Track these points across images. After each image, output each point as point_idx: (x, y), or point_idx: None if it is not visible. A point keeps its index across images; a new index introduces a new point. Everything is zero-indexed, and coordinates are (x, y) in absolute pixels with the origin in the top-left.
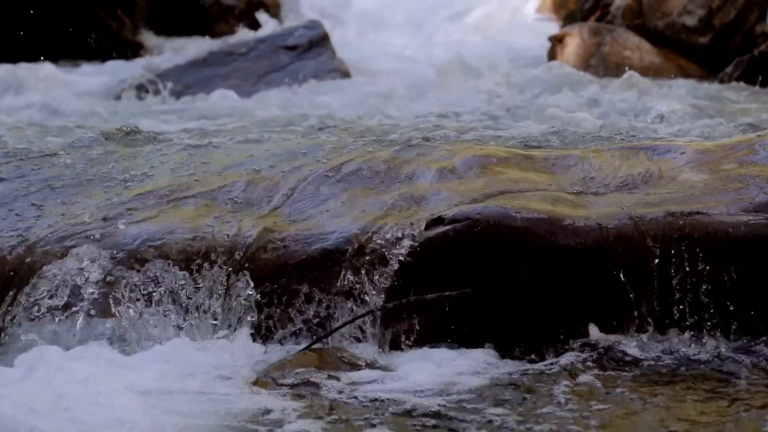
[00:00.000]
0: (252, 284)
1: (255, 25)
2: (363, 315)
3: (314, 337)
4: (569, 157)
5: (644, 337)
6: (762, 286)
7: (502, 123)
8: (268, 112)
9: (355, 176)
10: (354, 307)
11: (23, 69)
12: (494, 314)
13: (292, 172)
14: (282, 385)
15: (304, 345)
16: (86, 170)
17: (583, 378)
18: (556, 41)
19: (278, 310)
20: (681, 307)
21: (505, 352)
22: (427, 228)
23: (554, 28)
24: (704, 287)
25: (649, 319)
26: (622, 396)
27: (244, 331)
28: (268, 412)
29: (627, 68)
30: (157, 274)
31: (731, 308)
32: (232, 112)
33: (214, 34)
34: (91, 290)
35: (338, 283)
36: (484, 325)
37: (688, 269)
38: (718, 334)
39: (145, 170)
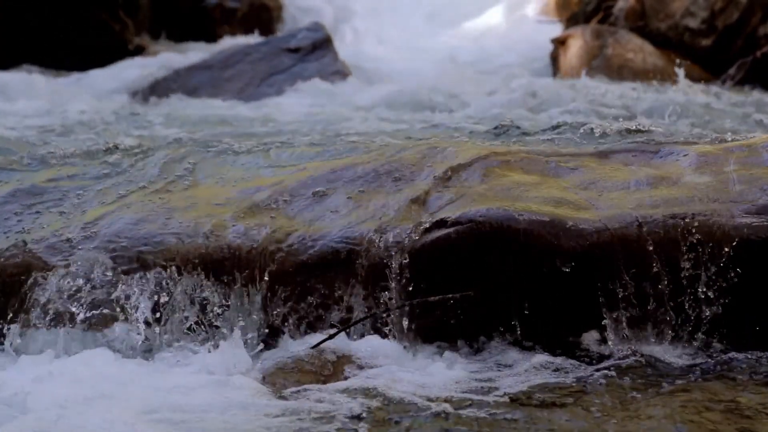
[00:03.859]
0: (259, 285)
1: (257, 28)
2: (366, 317)
3: (320, 339)
4: (572, 159)
5: (648, 339)
6: (766, 289)
7: (504, 125)
8: (270, 115)
9: (358, 178)
10: (359, 309)
11: (24, 71)
12: (496, 317)
13: (295, 175)
14: (285, 386)
15: (306, 346)
16: (86, 174)
17: (590, 381)
18: (559, 43)
19: (282, 311)
20: (683, 309)
21: (506, 355)
22: (430, 230)
23: (557, 30)
24: (706, 290)
25: (653, 322)
26: (629, 400)
27: (249, 333)
28: (270, 413)
29: (629, 70)
30: (162, 278)
31: (734, 310)
32: (235, 114)
33: (216, 37)
34: (92, 297)
35: (342, 285)
36: (485, 328)
37: (690, 272)
38: (722, 337)
39: (146, 174)
